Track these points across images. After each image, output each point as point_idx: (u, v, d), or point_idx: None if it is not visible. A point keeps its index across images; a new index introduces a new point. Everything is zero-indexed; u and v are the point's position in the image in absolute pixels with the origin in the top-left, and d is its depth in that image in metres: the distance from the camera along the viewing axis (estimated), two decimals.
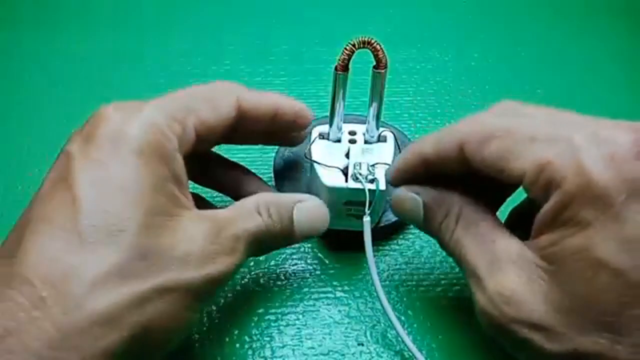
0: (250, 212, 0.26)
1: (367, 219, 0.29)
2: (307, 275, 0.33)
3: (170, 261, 0.22)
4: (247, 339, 0.31)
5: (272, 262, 0.33)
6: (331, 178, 0.31)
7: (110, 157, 0.22)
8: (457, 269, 0.34)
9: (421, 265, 0.34)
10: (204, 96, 0.27)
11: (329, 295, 0.32)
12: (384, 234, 0.35)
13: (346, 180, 0.30)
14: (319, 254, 0.34)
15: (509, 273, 0.23)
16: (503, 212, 0.29)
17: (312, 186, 0.33)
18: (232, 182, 0.32)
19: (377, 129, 0.32)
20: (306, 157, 0.32)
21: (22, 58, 0.44)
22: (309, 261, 0.34)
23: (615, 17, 0.50)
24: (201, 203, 0.31)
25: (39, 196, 0.23)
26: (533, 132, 0.23)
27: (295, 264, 0.33)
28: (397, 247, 0.34)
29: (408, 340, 0.28)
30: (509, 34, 0.48)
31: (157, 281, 0.22)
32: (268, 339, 0.31)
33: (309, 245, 0.34)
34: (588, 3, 0.51)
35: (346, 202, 0.31)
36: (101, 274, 0.21)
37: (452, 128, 0.26)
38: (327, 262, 0.34)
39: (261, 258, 0.33)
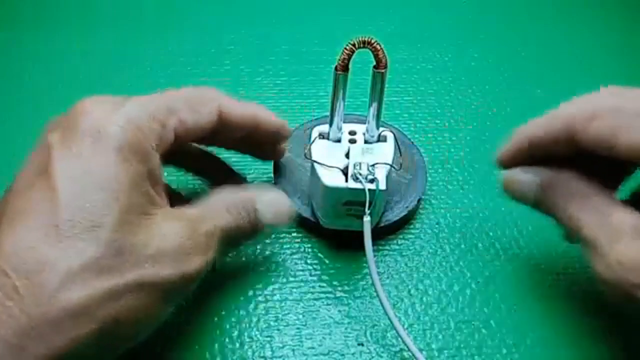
0: (220, 210, 0.27)
1: (367, 218, 0.29)
2: (307, 275, 0.33)
3: (144, 258, 0.23)
4: (247, 339, 0.31)
5: (272, 262, 0.33)
6: (331, 178, 0.31)
7: (90, 152, 0.23)
8: (456, 269, 0.34)
9: (421, 265, 0.34)
10: (187, 99, 0.27)
11: (329, 295, 0.32)
12: (384, 234, 0.35)
13: (346, 180, 0.30)
14: (319, 254, 0.34)
15: (628, 243, 0.24)
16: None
17: (313, 186, 0.33)
18: (206, 170, 0.34)
19: (377, 128, 0.32)
20: (306, 157, 0.32)
21: (21, 58, 0.44)
22: (309, 261, 0.34)
23: (616, 17, 0.50)
24: (175, 199, 0.30)
25: (17, 186, 0.23)
26: None
27: (296, 264, 0.33)
28: (397, 247, 0.34)
29: (408, 340, 0.28)
30: (509, 34, 0.48)
31: (130, 277, 0.22)
32: (268, 339, 0.31)
33: (309, 245, 0.34)
34: (588, 3, 0.51)
35: (346, 202, 0.31)
36: (76, 267, 0.21)
37: (559, 109, 0.27)
38: (327, 262, 0.34)
39: (260, 258, 0.33)
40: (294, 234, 0.35)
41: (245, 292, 0.32)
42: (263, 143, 0.32)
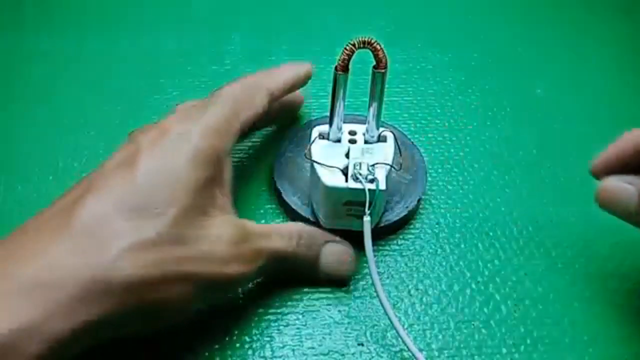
0: (282, 235, 0.30)
1: (367, 218, 0.29)
2: None
3: (195, 253, 0.26)
4: (247, 339, 0.31)
5: None
6: (331, 178, 0.31)
7: (170, 155, 0.27)
8: (456, 269, 0.34)
9: (421, 265, 0.34)
10: (244, 98, 0.31)
11: (329, 295, 0.32)
12: (384, 234, 0.35)
13: (346, 180, 0.30)
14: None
15: None
16: None
17: (313, 186, 0.33)
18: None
19: (377, 128, 0.32)
20: (306, 157, 0.32)
21: (22, 59, 0.44)
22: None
23: (616, 17, 0.50)
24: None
25: (102, 169, 0.27)
26: None
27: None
28: (397, 247, 0.34)
29: (408, 340, 0.28)
30: (509, 34, 0.48)
31: (179, 267, 0.25)
32: (268, 339, 0.31)
33: None
34: (588, 3, 0.51)
35: (346, 202, 0.31)
36: (136, 245, 0.24)
37: None
38: None
39: None
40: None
41: (246, 292, 0.32)
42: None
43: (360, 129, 0.33)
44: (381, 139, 0.33)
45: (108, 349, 0.26)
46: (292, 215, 0.35)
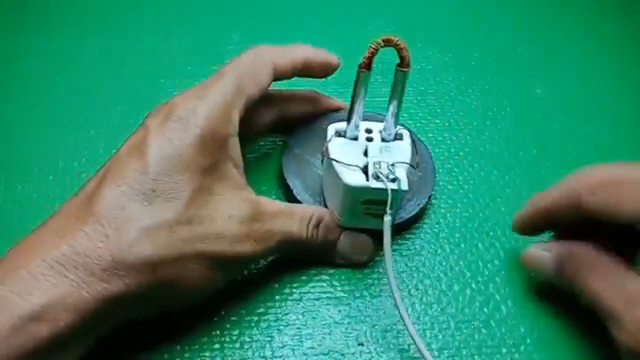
0: (297, 218, 0.30)
1: (387, 218, 0.29)
2: (307, 275, 0.33)
3: (209, 232, 0.27)
4: (247, 339, 0.31)
5: (273, 262, 0.33)
6: (352, 177, 0.30)
7: (178, 138, 0.27)
8: (456, 269, 0.34)
9: (421, 265, 0.34)
10: (249, 74, 0.31)
11: (329, 295, 0.32)
12: (395, 233, 0.33)
13: (367, 179, 0.30)
14: None
15: None
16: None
17: (328, 184, 0.33)
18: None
19: (395, 127, 0.32)
20: (324, 156, 0.32)
21: (22, 58, 0.44)
22: (308, 263, 0.33)
23: (616, 17, 0.50)
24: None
25: (117, 156, 0.28)
26: None
27: (296, 264, 0.33)
28: (397, 247, 0.34)
29: (421, 345, 0.28)
30: (509, 34, 0.48)
31: (194, 246, 0.27)
32: (268, 339, 0.31)
33: None
34: (588, 3, 0.51)
35: (365, 201, 0.31)
36: (153, 227, 0.26)
37: (565, 181, 0.30)
38: (327, 263, 0.34)
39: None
40: None
41: (246, 292, 0.32)
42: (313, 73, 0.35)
43: (375, 126, 0.33)
44: (397, 136, 0.32)
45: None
46: None
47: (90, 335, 0.25)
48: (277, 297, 0.32)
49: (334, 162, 0.31)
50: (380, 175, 0.30)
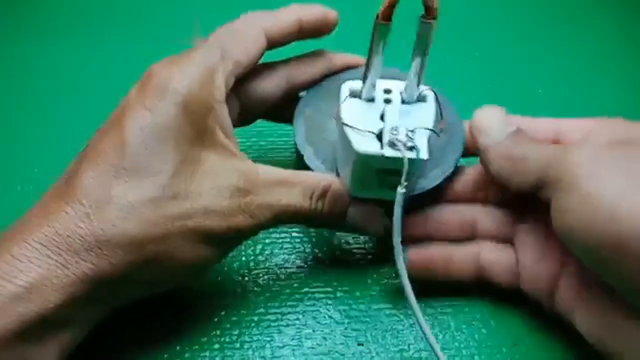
0: (297, 189, 0.28)
1: (401, 190, 0.26)
2: (308, 275, 0.33)
3: (197, 207, 0.26)
4: (247, 339, 0.30)
5: (273, 262, 0.33)
6: (364, 144, 0.27)
7: (158, 107, 0.26)
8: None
9: None
10: (235, 39, 0.29)
11: (329, 295, 0.32)
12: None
13: (381, 147, 0.27)
14: (319, 254, 0.34)
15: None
16: None
17: (341, 151, 0.29)
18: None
19: (418, 87, 0.28)
20: (335, 119, 0.29)
21: (23, 63, 0.44)
22: (309, 261, 0.34)
23: (616, 17, 0.50)
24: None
25: (98, 132, 0.27)
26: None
27: (296, 264, 0.33)
28: None
29: (430, 335, 0.27)
30: (509, 34, 0.48)
31: (182, 222, 0.25)
32: (268, 339, 0.31)
33: (309, 245, 0.34)
34: (588, 2, 0.51)
35: (379, 171, 0.28)
36: (135, 203, 0.25)
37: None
38: (327, 262, 0.34)
39: (261, 258, 0.33)
40: (294, 234, 0.35)
41: (246, 292, 0.32)
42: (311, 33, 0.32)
43: (396, 86, 0.29)
44: (420, 98, 0.29)
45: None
46: None
47: (84, 317, 0.25)
48: (277, 297, 0.32)
49: (345, 127, 0.28)
50: (397, 143, 0.26)
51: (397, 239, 0.27)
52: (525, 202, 0.29)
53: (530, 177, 0.26)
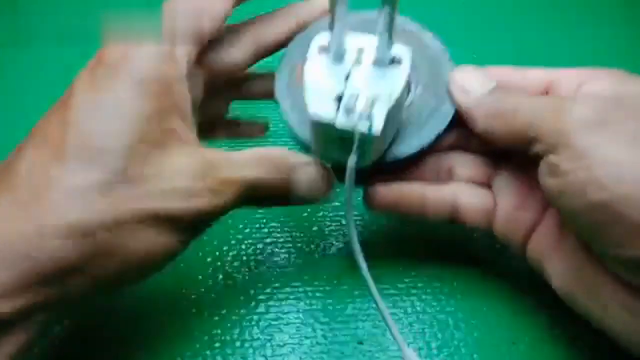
0: (250, 162, 0.26)
1: (351, 163, 0.24)
2: (308, 274, 0.33)
3: (155, 190, 0.23)
4: (247, 337, 0.31)
5: (273, 262, 0.33)
6: (318, 107, 0.24)
7: (111, 86, 0.23)
8: (450, 262, 0.34)
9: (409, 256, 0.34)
10: (192, 5, 0.26)
11: (329, 294, 0.32)
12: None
13: (336, 114, 0.24)
14: (320, 254, 0.34)
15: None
16: None
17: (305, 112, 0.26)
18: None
19: (389, 47, 0.24)
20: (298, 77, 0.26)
21: (23, 64, 0.44)
22: (309, 261, 0.34)
23: (616, 17, 0.50)
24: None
25: (43, 116, 0.24)
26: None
27: (296, 264, 0.33)
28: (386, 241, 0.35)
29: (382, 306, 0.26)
30: (509, 34, 0.48)
31: (137, 206, 0.23)
32: (268, 337, 0.31)
33: (310, 245, 0.34)
34: (589, 3, 0.51)
35: (337, 137, 0.25)
36: (80, 187, 0.22)
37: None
38: (327, 261, 0.34)
39: (261, 258, 0.34)
40: (295, 234, 0.35)
41: (246, 291, 0.32)
42: None
43: (371, 44, 0.25)
44: (396, 60, 0.25)
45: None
46: (292, 136, 0.28)
47: (29, 322, 0.22)
48: (277, 297, 0.32)
49: (305, 87, 0.25)
50: (353, 112, 0.24)
51: (350, 220, 0.26)
52: (507, 150, 0.28)
53: (521, 133, 0.25)
